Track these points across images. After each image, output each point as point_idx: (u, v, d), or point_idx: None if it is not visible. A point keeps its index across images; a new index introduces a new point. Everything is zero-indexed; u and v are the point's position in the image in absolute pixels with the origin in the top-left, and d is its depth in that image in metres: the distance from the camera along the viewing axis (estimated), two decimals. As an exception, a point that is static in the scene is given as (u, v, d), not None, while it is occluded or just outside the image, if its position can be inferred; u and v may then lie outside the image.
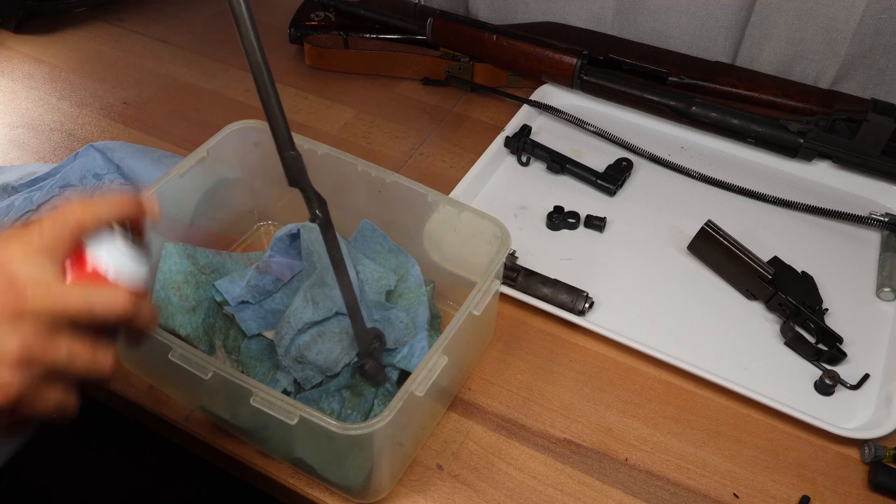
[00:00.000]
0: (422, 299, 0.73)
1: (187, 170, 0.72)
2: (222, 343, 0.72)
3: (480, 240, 0.69)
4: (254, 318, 0.73)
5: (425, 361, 0.57)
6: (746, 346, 0.76)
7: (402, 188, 0.71)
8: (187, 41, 1.16)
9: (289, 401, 0.54)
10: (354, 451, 0.59)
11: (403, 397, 0.54)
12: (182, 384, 0.68)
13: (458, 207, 0.69)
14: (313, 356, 0.67)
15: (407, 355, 0.69)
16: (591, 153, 0.96)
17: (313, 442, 0.61)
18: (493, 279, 0.64)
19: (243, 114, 0.77)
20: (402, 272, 0.75)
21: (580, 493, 0.65)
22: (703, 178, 0.93)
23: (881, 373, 0.74)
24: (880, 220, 0.86)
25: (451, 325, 0.59)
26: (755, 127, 0.92)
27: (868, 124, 0.86)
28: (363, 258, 0.76)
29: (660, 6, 1.04)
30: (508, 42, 0.99)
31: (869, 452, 0.67)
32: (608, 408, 0.72)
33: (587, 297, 0.77)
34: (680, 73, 1.01)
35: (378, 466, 0.60)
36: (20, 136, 0.98)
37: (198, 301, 0.71)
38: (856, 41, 0.95)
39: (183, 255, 0.71)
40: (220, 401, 0.66)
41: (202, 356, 0.58)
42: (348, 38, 1.08)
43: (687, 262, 0.84)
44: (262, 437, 0.66)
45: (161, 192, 0.70)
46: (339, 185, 0.76)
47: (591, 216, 0.88)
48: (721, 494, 0.66)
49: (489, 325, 0.75)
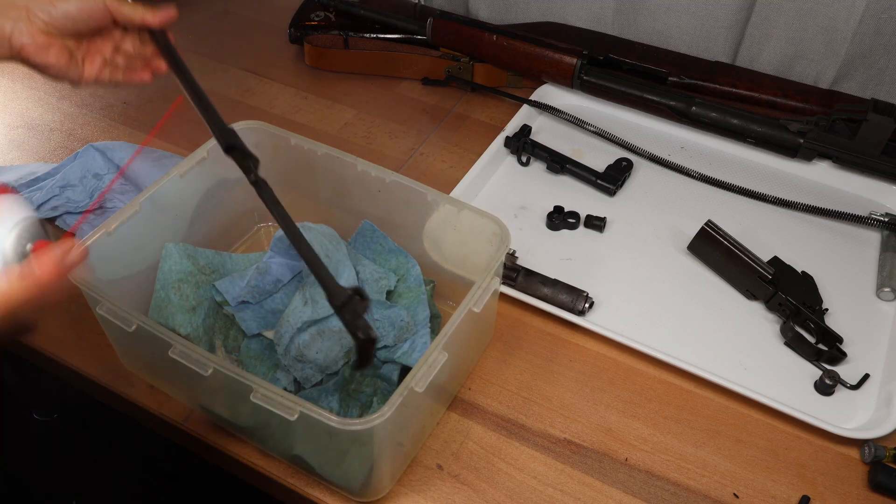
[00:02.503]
0: (421, 298, 0.73)
1: (187, 170, 0.72)
2: (222, 343, 0.72)
3: (480, 238, 0.69)
4: (254, 318, 0.73)
5: (425, 357, 0.57)
6: (746, 346, 0.76)
7: (402, 188, 0.71)
8: (187, 41, 1.16)
9: (289, 397, 0.54)
10: (354, 448, 0.59)
11: (403, 393, 0.55)
12: (182, 382, 0.68)
13: (457, 206, 0.70)
14: (313, 355, 0.67)
15: (408, 351, 0.69)
16: (591, 153, 0.96)
17: (313, 439, 0.61)
18: (492, 277, 0.64)
19: (243, 114, 0.77)
20: (402, 272, 0.75)
21: (580, 493, 0.65)
22: (703, 178, 0.93)
23: (881, 373, 0.74)
24: (880, 220, 0.86)
25: (451, 321, 0.59)
26: (755, 127, 0.92)
27: (868, 124, 0.86)
28: (363, 258, 0.76)
29: (660, 6, 1.04)
30: (508, 42, 0.99)
31: (869, 452, 0.67)
32: (608, 408, 0.72)
33: (587, 297, 0.77)
34: (680, 73, 1.01)
35: (378, 464, 0.60)
36: (20, 136, 0.98)
37: (198, 301, 0.71)
38: (856, 41, 0.95)
39: (183, 255, 0.71)
40: (220, 399, 0.66)
41: (202, 353, 0.58)
42: (348, 38, 1.08)
43: (687, 262, 0.84)
44: (261, 435, 0.66)
45: (161, 192, 0.70)
46: (339, 185, 0.76)
47: (591, 216, 0.88)
48: (721, 494, 0.66)
49: (489, 325, 0.75)
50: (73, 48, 0.68)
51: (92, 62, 0.69)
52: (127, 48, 0.71)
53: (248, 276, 0.73)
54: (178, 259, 0.71)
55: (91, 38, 0.69)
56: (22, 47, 0.64)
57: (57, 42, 0.65)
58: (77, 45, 0.68)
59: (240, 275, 0.74)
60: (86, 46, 0.69)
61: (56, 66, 0.66)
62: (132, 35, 0.71)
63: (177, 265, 0.71)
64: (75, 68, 0.67)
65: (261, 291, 0.73)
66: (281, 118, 1.03)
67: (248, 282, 0.73)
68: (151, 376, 0.72)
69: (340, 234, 0.77)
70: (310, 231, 0.72)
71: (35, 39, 0.64)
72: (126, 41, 0.71)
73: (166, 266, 0.70)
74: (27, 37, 0.64)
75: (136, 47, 0.71)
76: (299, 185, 0.79)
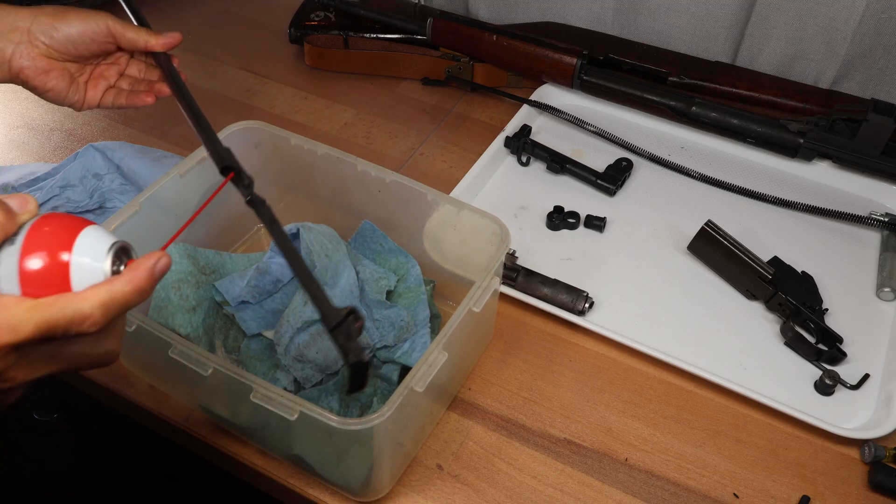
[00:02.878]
0: (421, 298, 0.73)
1: (188, 170, 0.72)
2: (222, 343, 0.72)
3: (480, 238, 0.69)
4: (254, 317, 0.73)
5: (425, 357, 0.57)
6: (746, 346, 0.76)
7: (402, 188, 0.71)
8: (187, 41, 1.15)
9: (289, 396, 0.54)
10: (354, 448, 0.59)
11: (403, 393, 0.55)
12: (182, 382, 0.68)
13: (457, 206, 0.70)
14: (313, 355, 0.67)
15: (408, 350, 0.69)
16: (591, 153, 0.96)
17: (313, 439, 0.61)
18: (492, 276, 0.64)
19: (243, 114, 0.77)
20: (402, 272, 0.75)
21: (580, 493, 0.65)
22: (703, 178, 0.93)
23: (881, 373, 0.74)
24: (880, 220, 0.86)
25: (451, 321, 0.59)
26: (755, 127, 0.92)
27: (868, 124, 0.86)
28: (363, 258, 0.76)
29: (660, 6, 1.05)
30: (508, 42, 0.99)
31: (869, 452, 0.67)
32: (608, 408, 0.72)
33: (587, 297, 0.77)
34: (680, 73, 1.01)
35: (378, 464, 0.60)
36: (20, 136, 0.98)
37: (198, 301, 0.71)
38: (856, 41, 0.95)
39: (183, 255, 0.71)
40: (220, 399, 0.66)
41: (202, 352, 0.58)
42: (348, 38, 1.08)
43: (687, 262, 0.84)
44: (261, 435, 0.66)
45: (161, 192, 0.70)
46: (339, 185, 0.76)
47: (591, 216, 0.88)
48: (721, 494, 0.66)
49: (489, 325, 0.75)
50: (75, 72, 0.67)
51: (95, 87, 0.68)
52: (132, 72, 0.71)
53: (248, 276, 0.73)
54: (177, 259, 0.71)
55: (94, 62, 0.68)
56: (21, 70, 0.64)
57: (58, 66, 0.65)
58: (79, 69, 0.68)
59: (240, 275, 0.74)
60: (89, 71, 0.68)
61: (56, 90, 0.66)
62: (137, 59, 0.70)
63: (177, 265, 0.71)
64: (76, 92, 0.67)
65: (261, 291, 0.73)
66: (281, 118, 1.03)
67: (248, 282, 0.73)
68: (151, 376, 0.72)
69: (340, 233, 0.77)
70: (310, 231, 0.72)
71: (35, 63, 0.64)
72: (131, 65, 0.70)
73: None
74: (27, 59, 0.63)
75: (140, 71, 0.71)
76: (299, 185, 0.79)
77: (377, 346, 0.70)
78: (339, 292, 0.70)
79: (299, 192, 0.79)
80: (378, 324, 0.71)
